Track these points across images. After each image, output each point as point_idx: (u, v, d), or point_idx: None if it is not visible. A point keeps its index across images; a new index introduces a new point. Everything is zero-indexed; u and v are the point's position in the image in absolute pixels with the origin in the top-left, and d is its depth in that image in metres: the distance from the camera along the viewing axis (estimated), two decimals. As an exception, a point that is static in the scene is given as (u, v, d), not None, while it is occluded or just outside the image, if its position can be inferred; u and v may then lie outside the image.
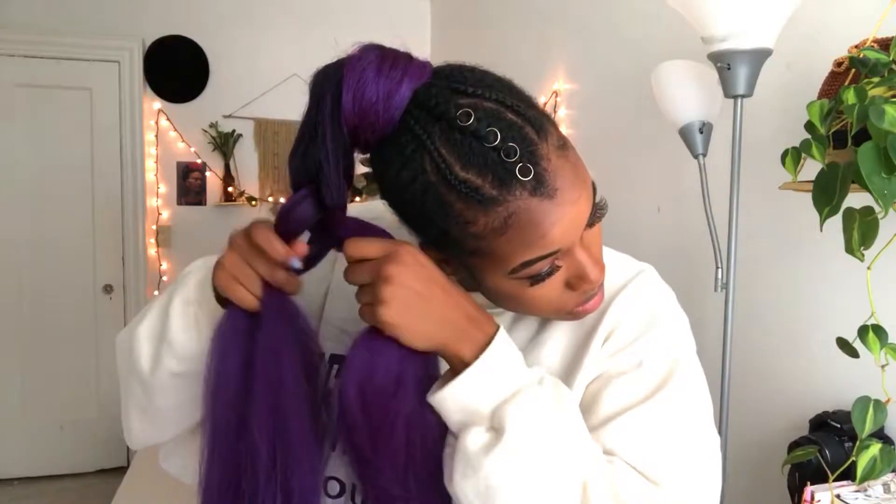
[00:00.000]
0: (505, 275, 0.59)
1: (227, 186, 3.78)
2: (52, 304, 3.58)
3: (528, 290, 0.61)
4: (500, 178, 0.55)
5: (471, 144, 0.55)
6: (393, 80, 0.56)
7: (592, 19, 2.56)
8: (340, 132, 0.56)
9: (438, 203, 0.56)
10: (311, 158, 0.58)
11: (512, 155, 0.55)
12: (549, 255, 0.58)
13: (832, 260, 1.48)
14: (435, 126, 0.55)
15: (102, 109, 3.60)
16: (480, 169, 0.55)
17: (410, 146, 0.56)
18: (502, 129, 0.55)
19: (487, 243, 0.57)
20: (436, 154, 0.55)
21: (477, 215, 0.56)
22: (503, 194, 0.55)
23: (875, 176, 1.05)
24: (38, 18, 3.48)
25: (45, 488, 3.51)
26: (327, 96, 0.57)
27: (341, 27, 3.89)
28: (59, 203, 3.56)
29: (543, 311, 0.65)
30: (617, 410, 0.66)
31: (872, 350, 1.16)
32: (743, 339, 1.75)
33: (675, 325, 0.73)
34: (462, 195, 0.55)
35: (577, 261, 0.61)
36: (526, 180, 0.55)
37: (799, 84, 1.63)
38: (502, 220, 0.55)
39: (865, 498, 1.25)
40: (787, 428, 1.63)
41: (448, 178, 0.55)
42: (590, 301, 0.65)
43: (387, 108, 0.56)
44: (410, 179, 0.56)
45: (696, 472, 0.66)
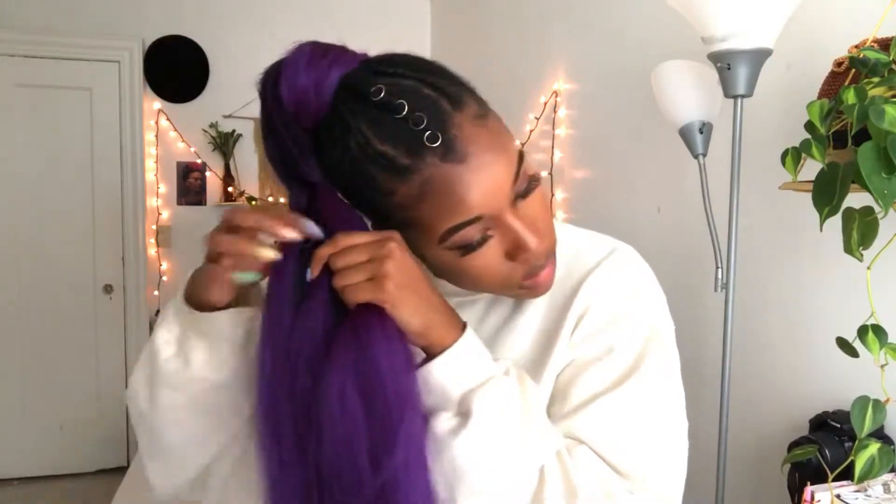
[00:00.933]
0: (437, 245, 0.61)
1: (227, 186, 3.78)
2: (52, 304, 3.58)
3: (466, 260, 0.62)
4: (410, 147, 0.57)
5: (384, 117, 0.58)
6: (322, 68, 0.60)
7: (592, 19, 2.56)
8: (287, 117, 0.60)
9: (363, 177, 0.59)
10: (277, 147, 0.62)
11: (419, 123, 0.57)
12: (471, 220, 0.59)
13: (832, 260, 1.48)
14: (358, 105, 0.59)
15: (102, 109, 3.60)
16: (394, 140, 0.58)
17: (338, 127, 0.59)
18: (411, 101, 0.58)
19: (411, 213, 0.59)
20: (356, 131, 0.58)
21: (396, 185, 0.58)
22: (415, 162, 0.57)
23: (875, 176, 1.05)
24: (39, 18, 3.48)
25: (45, 488, 3.51)
26: (268, 89, 0.61)
27: (341, 27, 3.88)
28: (59, 203, 3.56)
29: (492, 285, 0.65)
30: (586, 398, 0.67)
31: (872, 350, 1.16)
32: (743, 339, 1.75)
33: (649, 307, 0.72)
34: (380, 167, 0.58)
35: (510, 229, 0.62)
36: (435, 146, 0.57)
37: (799, 84, 1.63)
38: (418, 187, 0.58)
39: (865, 498, 1.25)
40: (787, 428, 1.63)
41: (368, 152, 0.58)
42: (539, 274, 0.65)
43: (318, 92, 0.60)
44: (340, 158, 0.60)
45: (660, 461, 0.67)
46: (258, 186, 3.89)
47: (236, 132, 3.79)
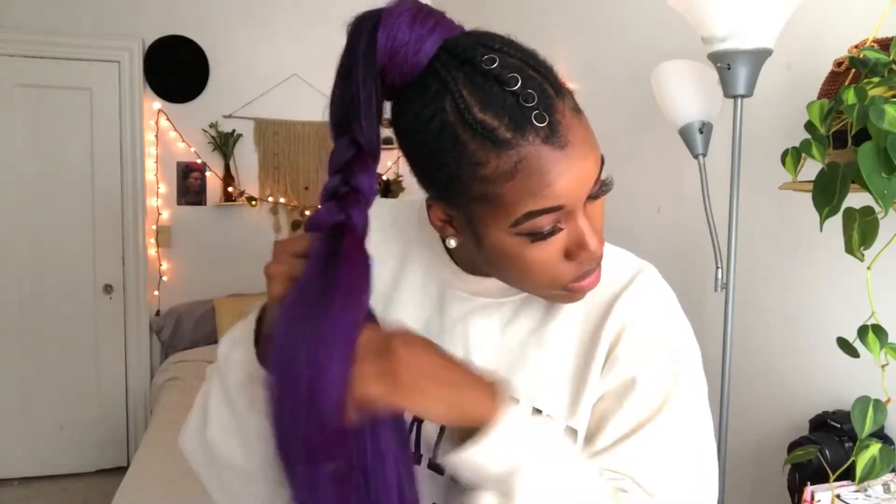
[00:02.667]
0: (507, 228, 0.60)
1: (227, 186, 3.78)
2: (52, 304, 3.58)
3: (528, 250, 0.61)
4: (515, 122, 0.56)
5: (492, 87, 0.57)
6: (425, 27, 0.59)
7: (593, 19, 2.56)
8: (372, 68, 0.58)
9: (453, 142, 0.57)
10: (345, 95, 0.59)
11: (530, 100, 0.57)
12: (553, 209, 0.59)
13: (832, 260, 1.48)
14: (460, 70, 0.58)
15: (102, 109, 3.60)
16: (498, 111, 0.56)
17: (434, 87, 0.58)
18: (523, 78, 0.57)
19: (495, 188, 0.58)
20: (457, 94, 0.57)
21: (489, 157, 0.57)
22: (516, 137, 0.56)
23: (875, 176, 1.05)
24: (38, 18, 3.48)
25: (45, 488, 3.51)
26: (363, 35, 0.59)
27: (341, 27, 3.88)
28: (59, 203, 3.56)
29: (539, 281, 0.64)
30: (627, 431, 0.67)
31: (872, 350, 1.16)
32: (743, 339, 1.75)
33: (677, 334, 0.73)
34: (477, 135, 0.57)
35: (578, 227, 0.61)
36: (540, 126, 0.57)
37: (799, 84, 1.62)
38: (512, 163, 0.57)
39: (865, 498, 1.25)
40: (787, 428, 1.63)
41: (466, 118, 0.57)
42: (586, 278, 0.65)
43: (416, 51, 0.58)
44: (429, 118, 0.58)
45: (701, 488, 0.68)
46: (258, 186, 3.89)
47: (236, 132, 3.79)
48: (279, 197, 3.91)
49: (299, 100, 3.83)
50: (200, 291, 3.78)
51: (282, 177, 3.92)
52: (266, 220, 3.91)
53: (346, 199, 0.60)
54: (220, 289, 3.78)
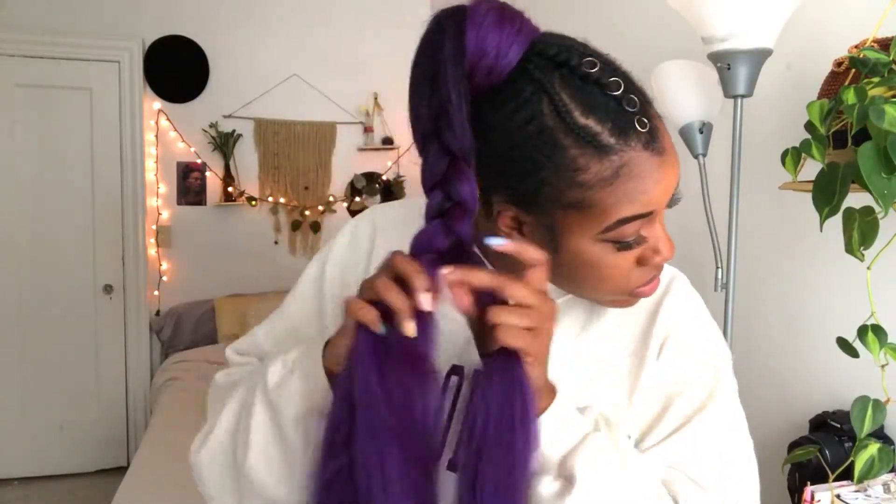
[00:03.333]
0: (594, 235, 0.59)
1: (227, 186, 3.78)
2: (52, 304, 3.58)
3: (610, 257, 0.61)
4: (619, 127, 0.56)
5: (592, 91, 0.56)
6: (514, 27, 0.57)
7: (592, 19, 2.56)
8: (461, 71, 0.55)
9: (552, 147, 0.56)
10: (432, 101, 0.56)
11: (632, 105, 0.56)
12: (645, 214, 0.59)
13: (832, 260, 1.48)
14: (555, 72, 0.56)
15: (102, 109, 3.59)
16: (601, 116, 0.56)
17: (529, 89, 0.56)
18: (625, 83, 0.57)
19: (592, 194, 0.57)
20: (556, 98, 0.56)
21: (590, 162, 0.56)
22: (620, 143, 0.56)
23: (875, 176, 1.05)
24: (38, 18, 3.48)
25: (45, 488, 3.50)
26: (448, 38, 0.56)
27: (341, 27, 3.89)
28: (59, 203, 3.56)
29: (612, 288, 0.64)
30: (675, 427, 0.68)
31: (872, 350, 1.16)
32: (743, 339, 1.75)
33: (713, 338, 0.75)
34: (579, 140, 0.55)
35: (654, 234, 0.62)
36: (643, 132, 0.56)
37: (799, 84, 1.62)
38: (614, 169, 0.56)
39: (865, 498, 1.25)
40: (787, 428, 1.63)
41: (567, 122, 0.55)
42: (649, 284, 0.65)
43: (507, 51, 0.56)
44: (525, 121, 0.56)
45: (742, 476, 0.70)
46: (258, 186, 3.89)
47: (236, 132, 3.79)
48: (279, 197, 3.90)
49: (299, 100, 3.83)
50: (200, 291, 3.78)
51: (282, 177, 3.91)
52: (266, 220, 3.91)
53: (451, 215, 0.57)
54: (220, 289, 3.78)
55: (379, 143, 3.99)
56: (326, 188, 3.98)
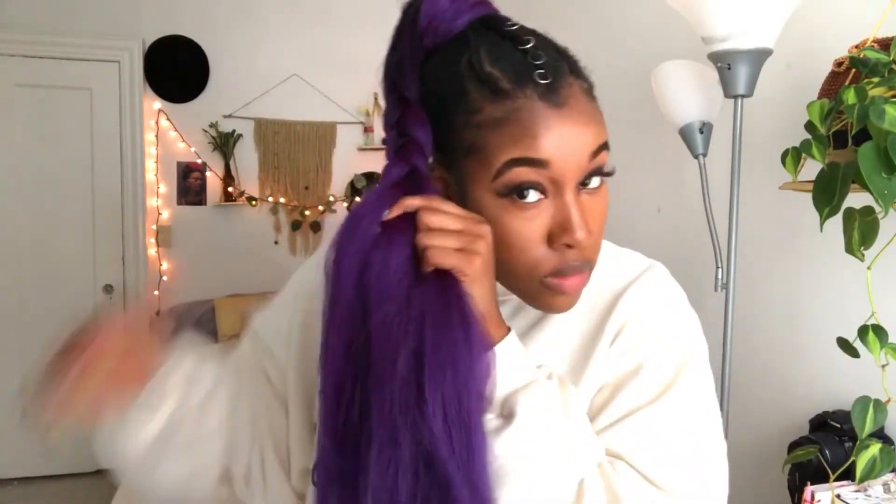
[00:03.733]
0: (489, 184, 0.60)
1: (227, 186, 3.78)
2: (52, 304, 3.57)
3: (510, 218, 0.60)
4: (517, 75, 0.59)
5: (504, 45, 0.61)
6: (466, 3, 0.64)
7: (592, 19, 2.56)
8: (417, 32, 0.63)
9: (457, 91, 0.61)
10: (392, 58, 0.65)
11: (537, 59, 0.60)
12: (536, 161, 0.58)
13: (832, 260, 1.48)
14: (485, 35, 0.62)
15: (102, 109, 3.59)
16: (505, 66, 0.60)
17: (456, 46, 0.62)
18: (539, 43, 0.62)
19: (483, 134, 0.60)
20: (474, 52, 0.61)
21: (485, 104, 0.59)
22: (514, 89, 0.59)
23: (875, 176, 1.05)
24: (39, 18, 3.48)
25: (45, 488, 3.51)
26: (412, 6, 0.64)
27: (341, 27, 3.89)
28: (59, 203, 3.56)
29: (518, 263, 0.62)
30: (624, 413, 0.65)
31: (872, 350, 1.16)
32: (743, 339, 1.75)
33: (685, 327, 0.71)
34: (480, 83, 0.60)
35: (564, 206, 0.60)
36: (541, 83, 0.59)
37: (799, 84, 1.62)
38: (504, 112, 0.59)
39: (865, 498, 1.25)
40: (787, 428, 1.63)
41: (475, 70, 0.60)
42: (568, 276, 0.62)
43: (453, 18, 0.63)
44: (444, 71, 0.62)
45: (700, 479, 0.65)
46: (258, 186, 3.89)
47: (236, 132, 3.79)
48: (279, 197, 3.90)
49: (299, 100, 3.82)
50: (200, 291, 3.78)
51: (282, 177, 3.91)
52: (266, 220, 3.91)
53: (406, 149, 0.62)
54: (220, 289, 3.78)
55: (379, 143, 3.95)
56: (326, 188, 3.98)
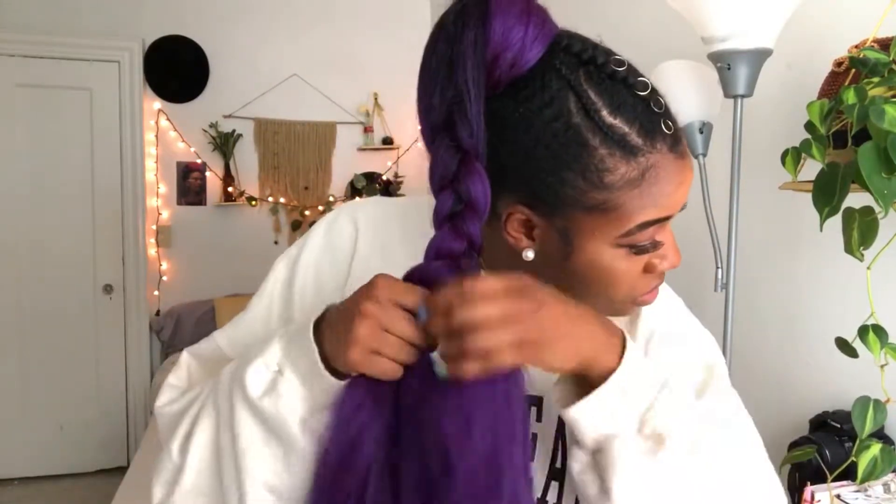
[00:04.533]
0: (612, 240, 0.57)
1: (227, 186, 3.78)
2: (52, 304, 3.58)
3: (623, 263, 0.58)
4: (646, 128, 0.54)
5: (620, 91, 0.54)
6: (539, 19, 0.55)
7: (592, 19, 2.56)
8: (482, 61, 0.53)
9: (580, 145, 0.54)
10: (446, 93, 0.53)
11: (659, 107, 0.55)
12: (664, 219, 0.57)
13: (832, 260, 1.48)
14: (580, 69, 0.55)
15: (102, 109, 3.59)
16: (629, 116, 0.54)
17: (555, 84, 0.54)
18: (651, 84, 0.56)
19: (617, 196, 0.55)
20: (584, 96, 0.54)
21: (618, 163, 0.54)
22: (647, 144, 0.54)
23: (875, 176, 1.05)
24: (39, 18, 3.48)
25: (45, 488, 3.50)
26: (470, 26, 0.53)
27: (341, 27, 3.89)
28: (59, 203, 3.56)
29: (619, 295, 0.61)
30: None
31: (872, 350, 1.16)
32: (743, 339, 1.75)
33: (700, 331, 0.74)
34: (607, 139, 0.54)
35: (666, 241, 0.60)
36: (668, 134, 0.55)
37: (799, 84, 1.62)
38: (641, 171, 0.54)
39: (865, 498, 1.25)
40: (787, 428, 1.63)
41: (595, 121, 0.53)
42: (652, 291, 0.63)
43: (532, 45, 0.54)
44: (553, 117, 0.54)
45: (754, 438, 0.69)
46: (258, 186, 3.89)
47: (236, 132, 3.79)
48: (279, 197, 3.90)
49: (299, 100, 3.82)
50: (200, 291, 3.78)
51: (282, 177, 3.91)
52: (266, 220, 3.91)
53: (461, 217, 0.54)
54: (220, 289, 3.78)
55: (379, 143, 3.99)
56: (326, 188, 3.98)
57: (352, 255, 0.72)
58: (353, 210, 0.76)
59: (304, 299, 0.73)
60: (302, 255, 0.74)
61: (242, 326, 0.76)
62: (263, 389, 0.57)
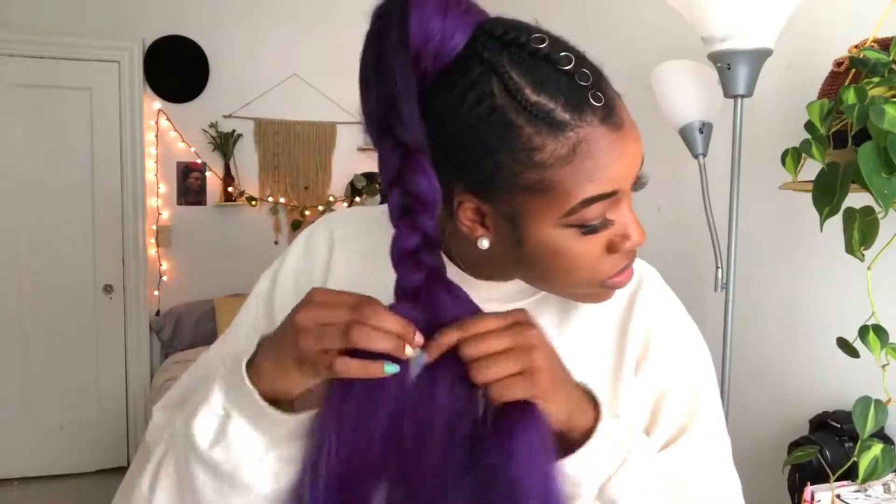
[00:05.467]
0: (557, 220, 0.56)
1: (226, 186, 3.78)
2: (52, 304, 3.58)
3: (576, 244, 0.57)
4: (572, 102, 0.53)
5: (542, 68, 0.54)
6: (459, 8, 0.55)
7: (592, 19, 2.56)
8: (406, 57, 0.53)
9: (505, 127, 0.53)
10: (380, 92, 0.54)
11: (585, 80, 0.54)
12: (609, 194, 0.56)
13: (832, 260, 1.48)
14: (504, 51, 0.54)
15: (102, 109, 3.59)
16: (553, 92, 0.53)
17: (477, 69, 0.54)
18: (576, 56, 0.54)
19: (551, 174, 0.54)
20: (506, 77, 0.53)
21: (545, 141, 0.53)
22: (575, 118, 0.53)
23: (875, 176, 1.05)
24: (39, 18, 3.48)
25: (45, 488, 3.50)
26: (392, 26, 0.54)
27: (341, 27, 3.89)
28: (59, 203, 3.56)
29: (581, 279, 0.61)
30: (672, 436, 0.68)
31: (873, 350, 1.16)
32: (743, 339, 1.75)
33: (694, 334, 0.74)
34: (532, 118, 0.53)
35: (622, 217, 0.58)
36: (598, 106, 0.54)
37: (799, 84, 1.62)
38: (571, 146, 0.53)
39: (865, 498, 1.25)
40: (787, 428, 1.63)
41: (519, 100, 0.53)
42: (621, 273, 0.62)
43: (453, 34, 0.54)
44: (475, 102, 0.54)
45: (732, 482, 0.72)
46: (258, 186, 3.89)
47: (236, 132, 3.79)
48: (279, 197, 3.90)
49: (299, 100, 3.82)
50: (200, 291, 3.78)
51: (282, 177, 3.91)
52: (266, 220, 3.91)
53: (413, 212, 0.55)
54: (220, 289, 3.78)
55: (379, 143, 3.99)
56: (326, 188, 3.98)
57: (327, 262, 0.73)
58: (330, 221, 0.77)
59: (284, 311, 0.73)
60: (281, 269, 0.75)
61: (228, 344, 0.76)
62: (211, 439, 0.57)
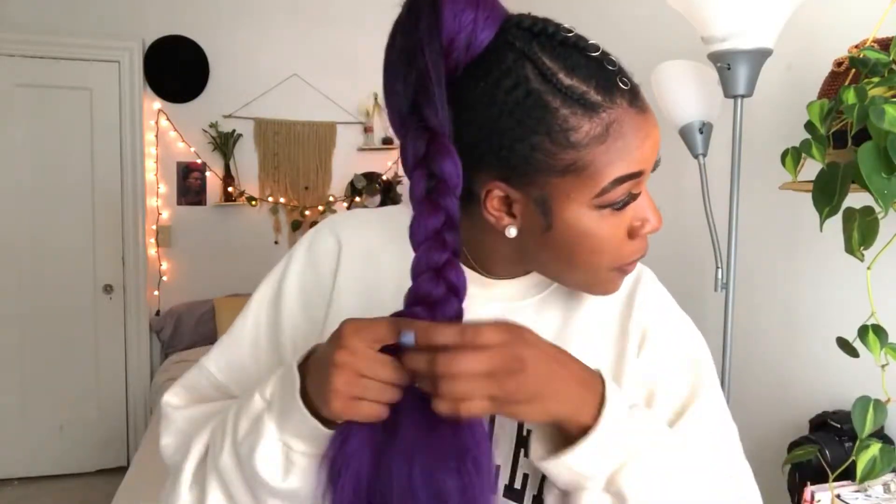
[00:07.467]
0: (589, 200, 0.58)
1: (227, 186, 3.78)
2: (52, 304, 3.58)
3: (604, 225, 0.60)
4: (603, 85, 0.57)
5: (573, 54, 0.57)
6: (488, 4, 0.57)
7: (592, 19, 2.56)
8: (439, 47, 0.55)
9: (542, 109, 0.56)
10: (409, 79, 0.56)
11: (612, 65, 0.58)
12: (637, 174, 0.59)
13: (832, 260, 1.48)
14: (534, 40, 0.57)
15: (102, 109, 3.59)
16: (585, 76, 0.56)
17: (510, 56, 0.56)
18: (600, 46, 0.59)
19: (585, 154, 0.56)
20: (540, 62, 0.56)
21: (581, 121, 0.56)
22: (607, 100, 0.57)
23: (875, 176, 1.05)
24: (39, 18, 3.48)
25: (45, 488, 3.50)
26: (423, 16, 0.56)
27: (341, 27, 3.89)
28: (59, 203, 3.56)
29: (606, 262, 0.62)
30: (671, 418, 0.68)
31: (872, 350, 1.16)
32: (743, 339, 1.75)
33: (691, 330, 0.75)
34: (567, 100, 0.56)
35: (641, 202, 0.62)
36: (625, 90, 0.58)
37: (799, 84, 1.63)
38: (604, 126, 0.56)
39: (865, 498, 1.25)
40: (787, 428, 1.63)
41: (554, 83, 0.56)
42: (634, 262, 0.65)
43: (483, 25, 0.57)
44: (512, 87, 0.56)
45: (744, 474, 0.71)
46: (258, 186, 3.89)
47: (236, 132, 3.79)
48: (279, 197, 3.90)
49: (299, 100, 3.83)
50: (200, 291, 3.78)
51: (282, 177, 3.91)
52: (266, 220, 3.91)
53: (436, 192, 0.55)
54: (220, 289, 3.78)
55: (379, 143, 3.99)
56: (326, 188, 3.98)
57: (335, 269, 0.73)
58: (333, 224, 0.76)
59: (292, 317, 0.74)
60: (286, 275, 0.75)
61: (231, 349, 0.76)
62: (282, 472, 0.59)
